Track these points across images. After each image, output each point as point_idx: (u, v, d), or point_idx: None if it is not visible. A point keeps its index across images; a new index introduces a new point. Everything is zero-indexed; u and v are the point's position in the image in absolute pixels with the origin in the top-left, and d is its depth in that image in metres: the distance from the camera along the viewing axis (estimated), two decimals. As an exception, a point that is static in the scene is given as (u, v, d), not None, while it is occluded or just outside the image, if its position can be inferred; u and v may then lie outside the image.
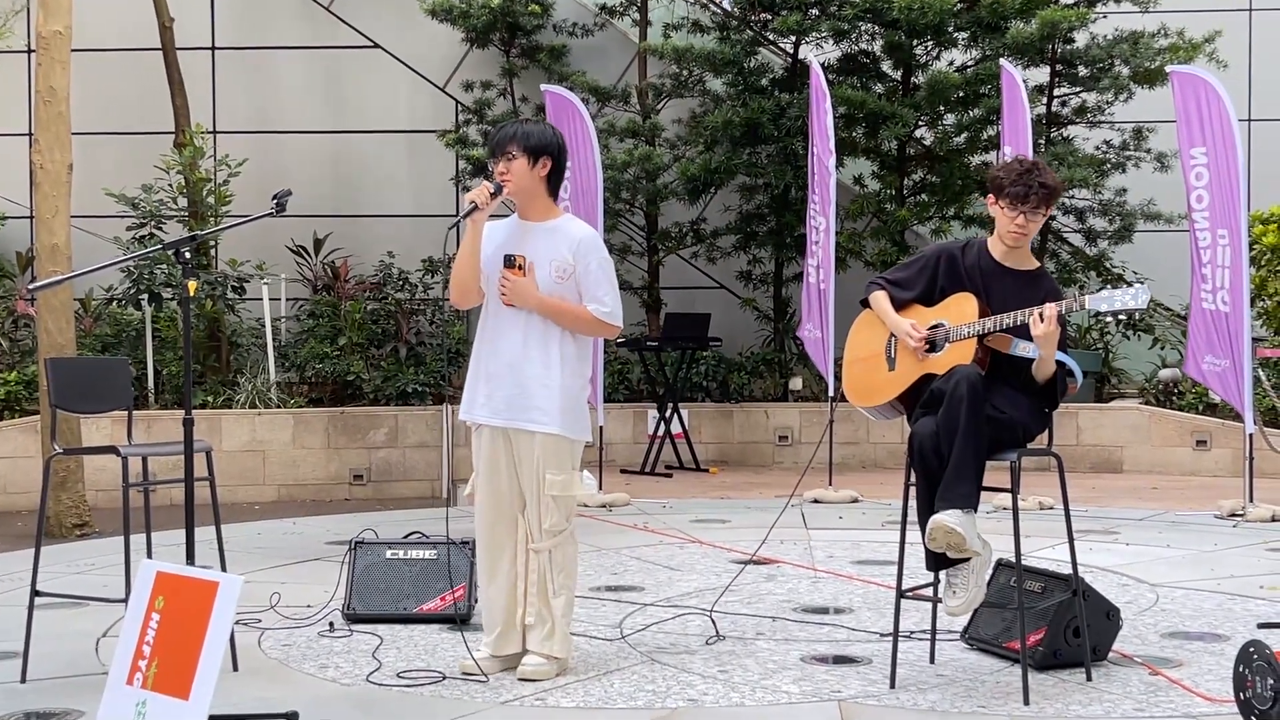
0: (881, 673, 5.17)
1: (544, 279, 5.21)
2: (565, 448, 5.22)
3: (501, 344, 5.26)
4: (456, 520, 9.25)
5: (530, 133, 5.25)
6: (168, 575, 4.26)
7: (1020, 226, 5.09)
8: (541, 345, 5.22)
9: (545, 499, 5.18)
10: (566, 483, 5.20)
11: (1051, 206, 5.13)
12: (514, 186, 5.26)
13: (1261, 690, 4.26)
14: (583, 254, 5.25)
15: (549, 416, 5.17)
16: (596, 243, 5.30)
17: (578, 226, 5.35)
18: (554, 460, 5.19)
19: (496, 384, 5.23)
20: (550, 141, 5.27)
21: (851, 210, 13.55)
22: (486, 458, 5.29)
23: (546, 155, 5.25)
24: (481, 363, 5.31)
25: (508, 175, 5.25)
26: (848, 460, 12.63)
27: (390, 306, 13.32)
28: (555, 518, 5.19)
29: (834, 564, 7.68)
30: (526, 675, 5.17)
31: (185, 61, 13.56)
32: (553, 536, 5.21)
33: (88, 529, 9.39)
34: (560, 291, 5.22)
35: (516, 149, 5.22)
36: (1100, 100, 13.54)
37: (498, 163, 5.27)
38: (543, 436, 5.18)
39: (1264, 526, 9.06)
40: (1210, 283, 9.50)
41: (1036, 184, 5.04)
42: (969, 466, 4.79)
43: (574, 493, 5.24)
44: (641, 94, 14.12)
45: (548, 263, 5.23)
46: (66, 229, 9.34)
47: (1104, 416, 12.64)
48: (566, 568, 5.26)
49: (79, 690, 5.04)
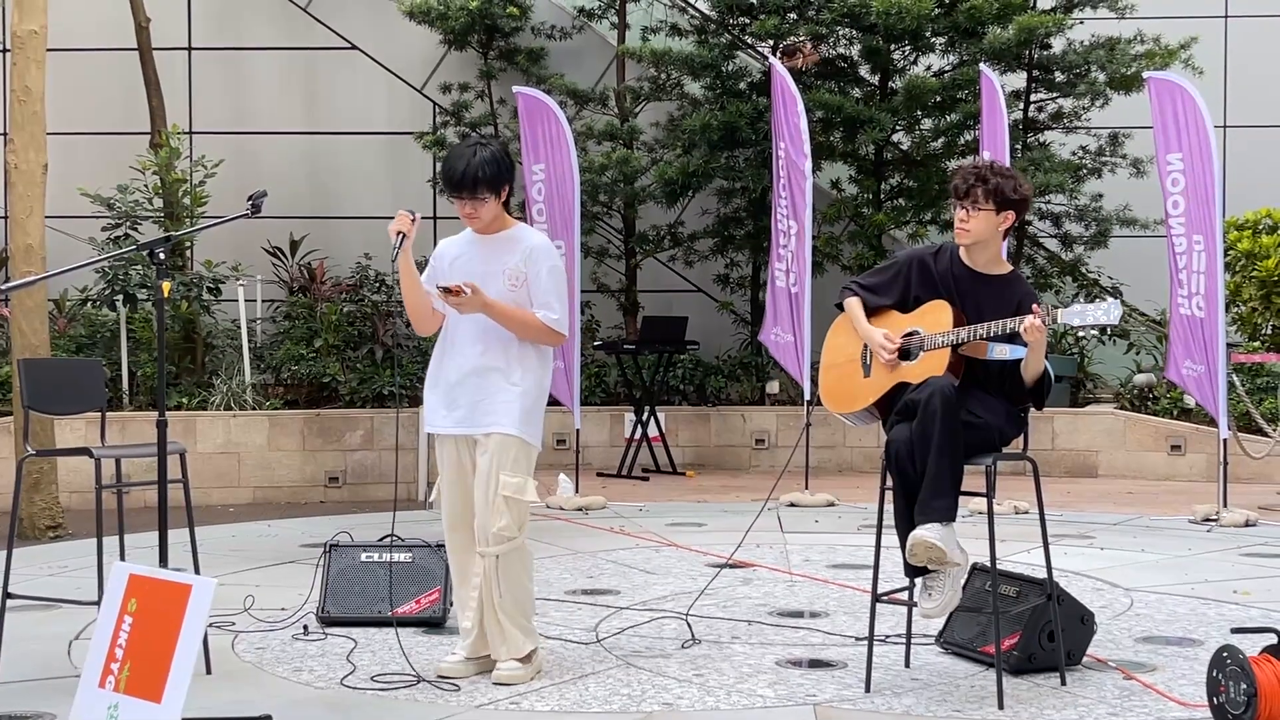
0: (857, 677, 5.18)
1: (498, 289, 5.22)
2: (523, 451, 5.22)
3: (461, 354, 5.28)
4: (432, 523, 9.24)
5: (491, 173, 5.20)
6: (141, 578, 4.24)
7: (961, 221, 5.10)
8: (501, 351, 5.23)
9: (497, 500, 5.13)
10: (521, 486, 5.17)
11: (999, 204, 5.06)
12: (483, 223, 5.29)
13: (1235, 695, 4.27)
14: (534, 261, 5.27)
15: (508, 419, 5.18)
16: (548, 251, 5.31)
17: (530, 235, 5.39)
18: (509, 461, 5.17)
19: (459, 392, 5.25)
20: (509, 166, 5.28)
21: (828, 214, 13.58)
22: (452, 464, 5.30)
23: (508, 182, 5.28)
24: (442, 372, 5.33)
25: (476, 217, 5.26)
26: (824, 464, 12.64)
27: (367, 308, 13.28)
28: (505, 521, 5.14)
29: (810, 568, 7.68)
30: (501, 680, 5.18)
31: (161, 62, 13.50)
32: (500, 542, 5.15)
33: (61, 531, 9.34)
34: (513, 299, 5.24)
35: (486, 191, 5.21)
36: (1077, 106, 13.59)
37: (464, 205, 5.26)
38: (500, 437, 5.17)
39: (1238, 531, 9.10)
40: (1186, 288, 9.54)
41: (973, 176, 5.05)
42: (945, 480, 4.79)
43: (527, 497, 5.20)
44: (619, 97, 14.12)
45: (500, 272, 5.25)
46: (41, 229, 9.29)
47: (1079, 421, 12.67)
48: (514, 582, 5.20)
49: (51, 693, 5.01)
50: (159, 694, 4.04)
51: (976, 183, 5.05)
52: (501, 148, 5.33)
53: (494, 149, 5.27)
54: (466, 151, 5.26)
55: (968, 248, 5.16)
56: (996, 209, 5.06)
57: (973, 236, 5.11)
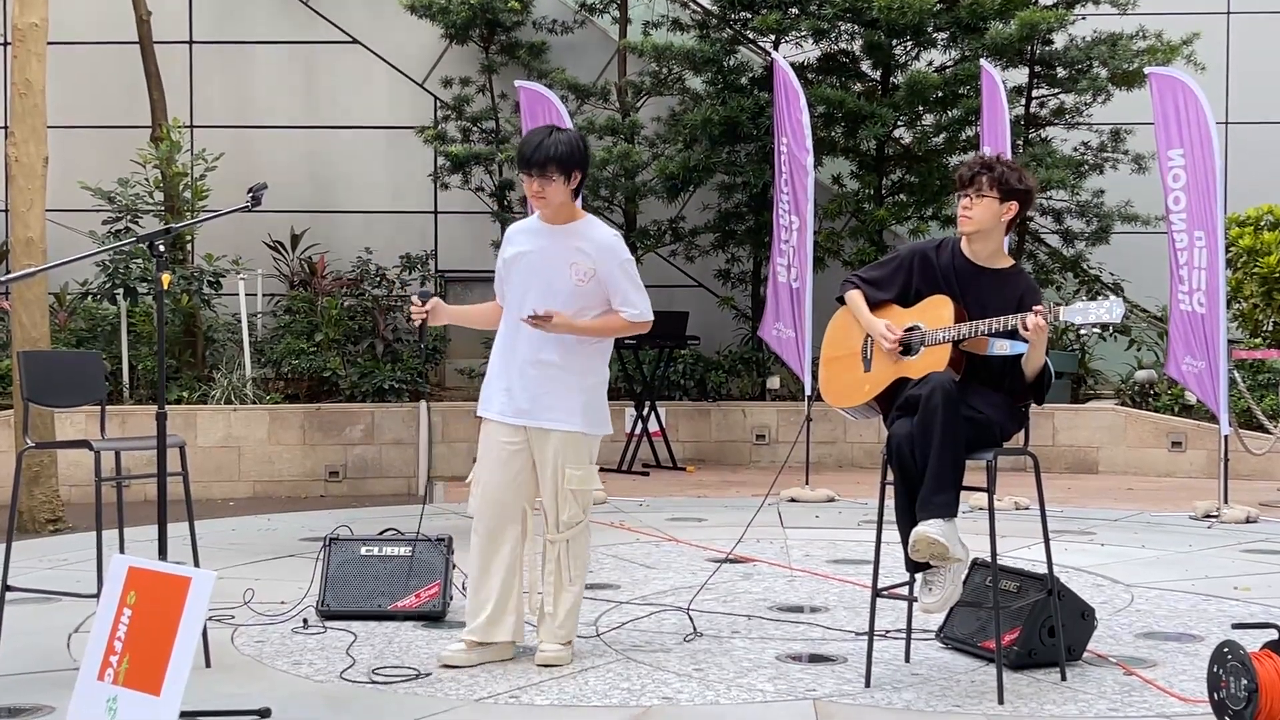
0: (857, 671, 5.17)
1: (565, 285, 5.24)
2: (585, 443, 5.33)
3: (521, 344, 5.31)
4: (432, 517, 9.24)
5: (564, 152, 5.20)
6: (140, 570, 4.23)
7: (965, 209, 5.10)
8: (559, 343, 5.25)
9: (564, 492, 5.28)
10: (586, 477, 5.33)
11: (1004, 193, 5.06)
12: (549, 206, 5.28)
13: (1235, 691, 4.27)
14: (604, 259, 5.28)
15: (570, 414, 5.27)
16: (618, 246, 5.32)
17: (599, 230, 5.36)
18: (574, 456, 5.29)
19: (518, 383, 5.29)
20: (582, 152, 5.28)
21: (830, 210, 13.56)
22: (499, 445, 5.33)
23: (579, 169, 5.26)
24: (501, 363, 5.38)
25: (543, 197, 5.25)
26: (824, 459, 12.63)
27: (367, 303, 13.28)
28: (573, 510, 5.31)
29: (810, 563, 7.68)
30: (546, 661, 5.30)
31: (162, 55, 13.50)
32: (570, 528, 5.32)
33: (60, 524, 9.33)
34: (583, 294, 5.26)
35: (556, 171, 5.20)
36: (1078, 101, 13.58)
37: (532, 181, 5.24)
38: (565, 434, 5.27)
39: (1238, 528, 9.09)
40: (1187, 284, 9.53)
41: (979, 165, 5.06)
42: (947, 476, 4.78)
43: (592, 486, 5.36)
44: (621, 91, 14.10)
45: (568, 265, 5.26)
46: (41, 222, 9.29)
47: (1080, 417, 12.67)
48: (581, 557, 5.39)
49: (50, 686, 5.01)
50: (158, 687, 4.03)
51: (982, 170, 5.05)
52: (581, 136, 5.35)
53: (572, 134, 5.31)
54: (543, 131, 5.30)
55: (970, 239, 5.15)
56: (1000, 198, 5.06)
57: (975, 224, 5.10)
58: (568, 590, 5.35)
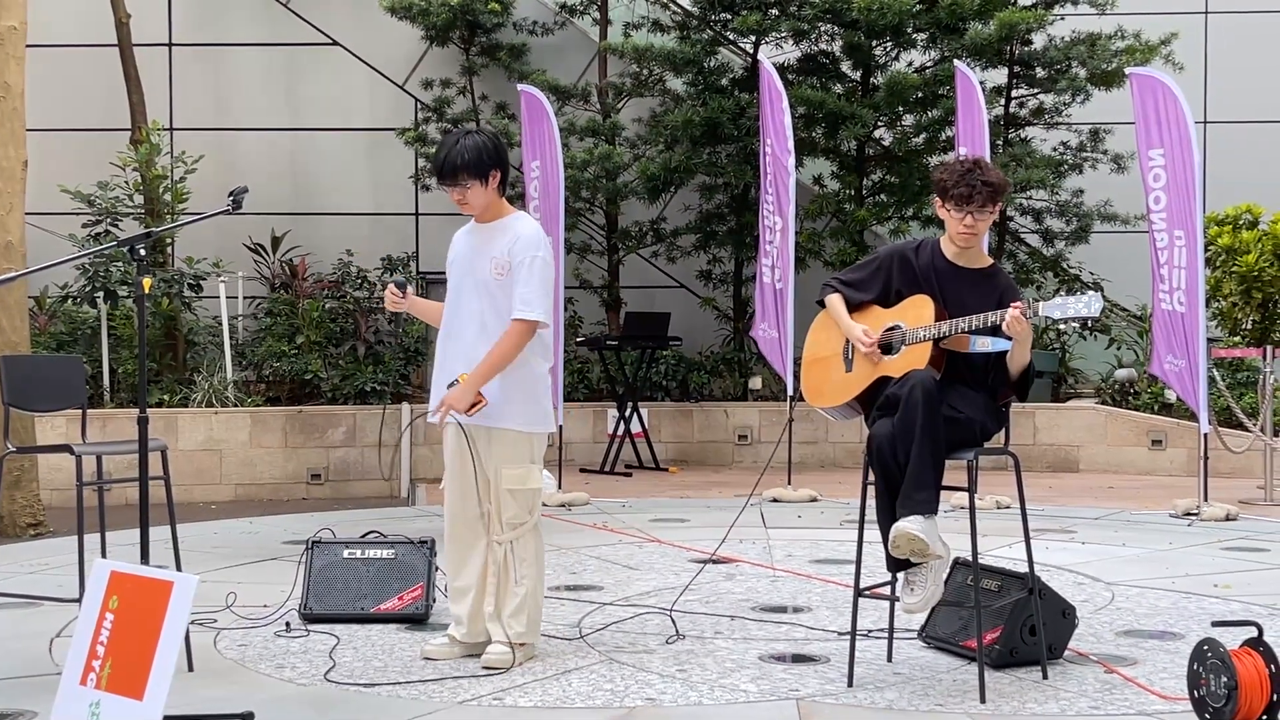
0: (839, 671, 5.18)
1: (484, 277, 5.26)
2: (522, 441, 5.28)
3: (458, 342, 5.32)
4: (414, 520, 9.23)
5: (471, 158, 5.22)
6: (122, 575, 4.22)
7: (969, 227, 5.09)
8: (492, 342, 5.22)
9: (503, 492, 5.24)
10: (523, 476, 5.27)
11: (998, 203, 5.12)
12: (475, 210, 5.32)
13: (1215, 688, 4.29)
14: (518, 251, 5.25)
15: (505, 412, 5.24)
16: (534, 241, 5.26)
17: (521, 224, 5.36)
18: (510, 455, 5.26)
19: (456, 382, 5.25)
20: (495, 153, 5.29)
21: (810, 210, 13.59)
22: (453, 451, 5.35)
23: (495, 168, 5.28)
24: (442, 361, 5.37)
25: (466, 203, 5.29)
26: (807, 459, 12.65)
27: (349, 305, 13.26)
28: (514, 510, 5.27)
29: (792, 563, 7.69)
30: (490, 664, 5.25)
31: (142, 57, 13.45)
32: (513, 529, 5.28)
33: (42, 528, 9.30)
34: (504, 286, 5.23)
35: (469, 177, 5.24)
36: (1058, 101, 13.63)
37: (452, 192, 5.29)
38: (499, 431, 5.25)
39: (1218, 525, 9.13)
40: (1168, 283, 9.57)
41: (979, 183, 5.04)
42: (927, 473, 4.79)
43: (531, 486, 5.30)
44: (602, 93, 14.11)
45: (489, 260, 5.28)
46: (21, 226, 9.26)
47: (1060, 416, 12.71)
48: (529, 559, 5.32)
49: (32, 691, 4.99)
50: (141, 691, 4.03)
51: (982, 188, 5.04)
52: (490, 136, 5.34)
53: (480, 137, 5.30)
54: (451, 140, 5.32)
55: (962, 248, 5.16)
56: (993, 208, 5.11)
57: (979, 239, 5.15)
58: (513, 592, 5.30)
